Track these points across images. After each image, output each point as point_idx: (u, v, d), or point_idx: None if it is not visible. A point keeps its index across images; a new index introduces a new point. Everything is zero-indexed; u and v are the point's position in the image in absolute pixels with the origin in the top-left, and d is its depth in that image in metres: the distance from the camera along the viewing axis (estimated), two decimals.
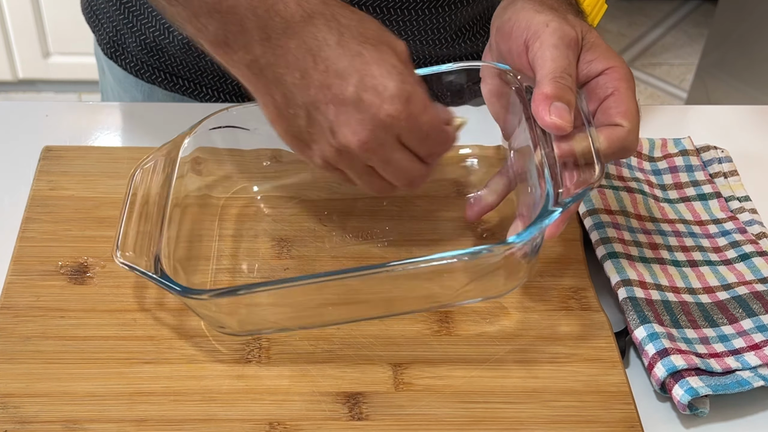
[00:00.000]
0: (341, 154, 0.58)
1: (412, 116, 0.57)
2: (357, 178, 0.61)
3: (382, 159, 0.58)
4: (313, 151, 0.59)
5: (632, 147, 0.61)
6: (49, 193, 0.73)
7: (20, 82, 2.25)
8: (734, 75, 2.02)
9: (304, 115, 0.58)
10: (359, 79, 0.56)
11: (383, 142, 0.57)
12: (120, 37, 0.86)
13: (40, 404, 0.59)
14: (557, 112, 0.58)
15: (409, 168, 0.60)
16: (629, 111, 0.60)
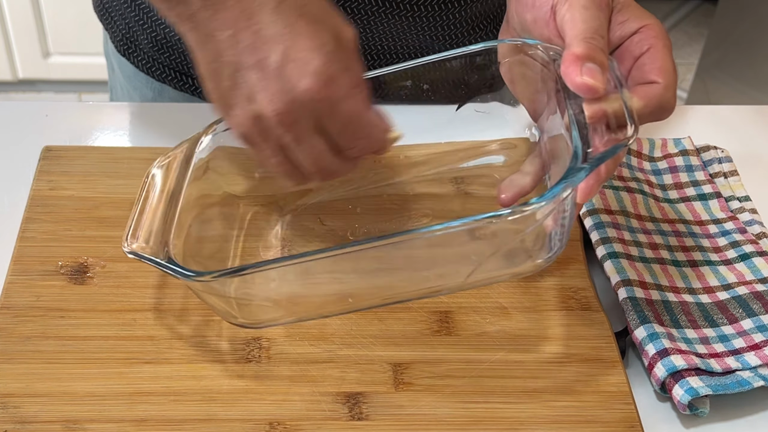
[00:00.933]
0: (256, 123, 0.56)
1: (331, 99, 0.55)
2: (269, 155, 0.58)
3: (295, 138, 0.56)
4: (232, 116, 0.58)
5: (669, 106, 0.58)
6: (49, 193, 0.73)
7: (20, 82, 2.25)
8: (734, 75, 2.02)
9: (228, 75, 0.56)
10: (285, 48, 0.54)
11: (298, 120, 0.55)
12: (132, 34, 0.86)
13: (40, 404, 0.59)
14: (589, 72, 0.54)
15: (322, 157, 0.58)
16: (665, 67, 0.58)
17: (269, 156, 0.59)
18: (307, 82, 0.54)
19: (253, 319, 0.62)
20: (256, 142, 0.58)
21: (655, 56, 0.58)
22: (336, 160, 0.58)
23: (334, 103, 0.55)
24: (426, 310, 0.66)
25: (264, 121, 0.56)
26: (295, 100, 0.55)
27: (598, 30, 0.57)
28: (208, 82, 0.58)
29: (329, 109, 0.55)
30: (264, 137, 0.57)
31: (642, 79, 0.58)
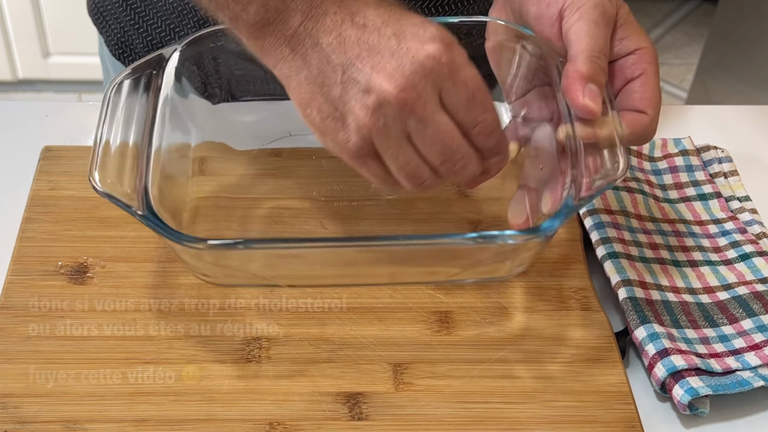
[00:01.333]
0: (377, 116, 0.53)
1: (455, 64, 0.53)
2: (393, 151, 0.55)
3: (421, 117, 0.53)
4: (348, 127, 0.54)
5: (651, 136, 0.60)
6: (49, 193, 0.73)
7: (20, 82, 2.24)
8: (734, 75, 2.02)
9: (339, 79, 0.53)
10: (397, 29, 0.53)
11: (422, 93, 0.52)
12: (127, 37, 0.86)
13: (40, 404, 0.59)
14: (591, 95, 0.56)
15: (451, 137, 0.54)
16: (654, 98, 0.59)
17: (394, 155, 0.55)
18: (429, 48, 0.52)
19: (224, 281, 0.63)
20: (380, 143, 0.54)
21: (647, 85, 0.59)
22: (465, 143, 0.55)
23: (455, 69, 0.53)
24: (426, 310, 0.66)
25: (386, 107, 0.52)
26: (418, 70, 0.52)
27: (602, 49, 0.58)
28: (313, 102, 0.54)
29: (452, 76, 0.53)
30: (387, 132, 0.54)
31: (631, 106, 0.59)
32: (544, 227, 0.56)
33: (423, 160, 0.55)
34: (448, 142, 0.55)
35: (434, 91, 0.53)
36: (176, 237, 0.56)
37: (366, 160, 0.55)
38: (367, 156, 0.55)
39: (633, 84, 0.60)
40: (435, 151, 0.55)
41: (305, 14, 0.54)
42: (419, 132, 0.54)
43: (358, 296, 0.66)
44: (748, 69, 1.98)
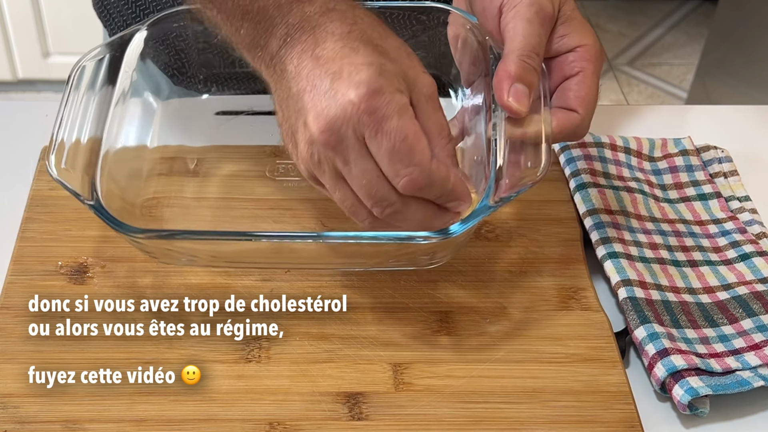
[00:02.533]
0: (311, 152, 0.54)
1: (378, 113, 0.51)
2: (330, 186, 0.56)
3: (343, 159, 0.53)
4: (297, 153, 0.56)
5: (581, 134, 0.60)
6: (49, 193, 0.73)
7: (20, 82, 2.25)
8: (734, 75, 2.02)
9: (294, 108, 0.54)
10: (340, 67, 0.52)
11: (343, 137, 0.52)
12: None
13: (40, 404, 0.59)
14: (516, 95, 0.57)
15: (374, 183, 0.54)
16: (587, 97, 0.59)
17: (331, 190, 0.56)
18: (350, 93, 0.51)
19: (172, 262, 0.65)
20: (319, 176, 0.56)
21: (582, 83, 0.60)
22: (393, 192, 0.54)
23: (378, 118, 0.52)
24: (426, 310, 0.66)
25: (315, 145, 0.53)
26: (338, 114, 0.52)
27: (535, 48, 0.58)
28: (282, 124, 0.56)
29: (373, 125, 0.52)
30: (320, 168, 0.55)
31: (564, 104, 0.60)
32: (452, 230, 0.56)
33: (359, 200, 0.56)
34: (372, 189, 0.54)
35: (357, 137, 0.52)
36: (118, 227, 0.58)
37: (318, 186, 0.57)
38: (317, 183, 0.57)
39: (569, 82, 0.60)
40: (363, 195, 0.55)
41: (283, 39, 0.55)
42: (346, 173, 0.54)
43: (358, 296, 0.66)
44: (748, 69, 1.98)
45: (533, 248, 0.71)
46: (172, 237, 0.61)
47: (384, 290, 0.67)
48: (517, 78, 0.57)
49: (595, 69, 0.60)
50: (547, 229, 0.72)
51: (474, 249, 0.70)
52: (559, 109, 0.60)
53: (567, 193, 0.75)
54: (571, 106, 0.60)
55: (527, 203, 0.74)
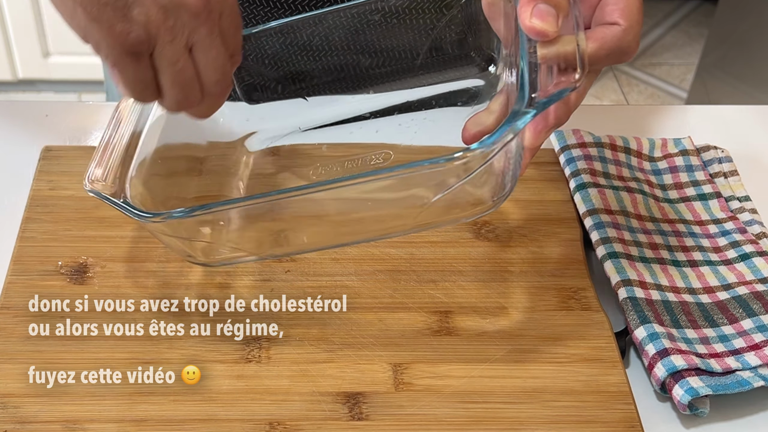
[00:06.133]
0: (169, 16, 0.51)
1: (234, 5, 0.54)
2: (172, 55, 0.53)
3: (209, 31, 0.53)
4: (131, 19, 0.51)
5: (629, 49, 0.56)
6: (49, 193, 0.73)
7: (20, 82, 2.25)
8: (734, 75, 2.02)
9: None
10: None
11: (213, 10, 0.53)
12: None
13: (40, 404, 0.59)
14: (539, 14, 0.52)
15: (225, 60, 0.55)
16: (627, 8, 0.55)
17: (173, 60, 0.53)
18: None
19: (210, 258, 0.63)
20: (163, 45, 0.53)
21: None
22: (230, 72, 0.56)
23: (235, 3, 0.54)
24: (426, 310, 0.66)
25: (182, 10, 0.52)
26: None
27: None
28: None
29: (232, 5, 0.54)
30: (173, 34, 0.52)
31: (603, 20, 0.56)
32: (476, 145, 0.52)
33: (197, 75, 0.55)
34: (225, 63, 0.55)
35: (219, 13, 0.53)
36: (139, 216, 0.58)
37: (137, 59, 0.53)
38: (140, 55, 0.53)
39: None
40: (214, 68, 0.55)
41: None
42: (204, 45, 0.53)
43: (358, 296, 0.66)
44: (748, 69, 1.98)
45: (533, 248, 0.71)
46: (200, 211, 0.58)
47: (384, 290, 0.67)
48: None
49: None
50: (547, 229, 0.72)
51: (474, 249, 0.70)
52: (599, 26, 0.56)
53: (567, 193, 0.75)
54: (610, 20, 0.55)
55: (527, 203, 0.74)
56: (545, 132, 0.56)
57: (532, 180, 0.76)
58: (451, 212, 0.59)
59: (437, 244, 0.70)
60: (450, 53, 0.70)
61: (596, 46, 0.55)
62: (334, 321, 0.65)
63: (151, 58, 0.53)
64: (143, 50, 0.52)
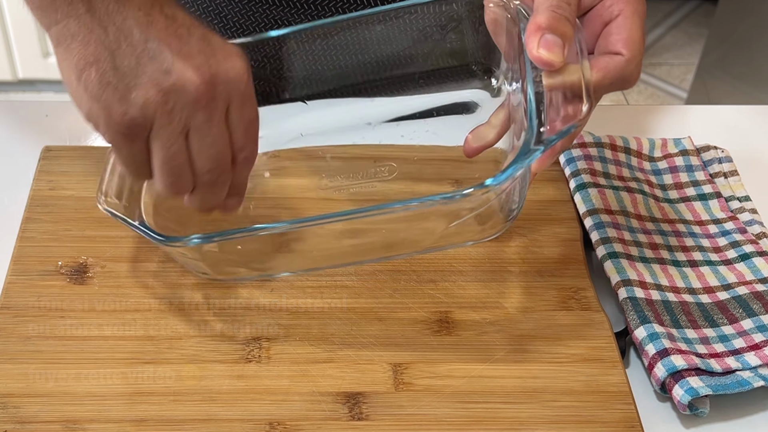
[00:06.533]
0: (168, 99, 0.52)
1: (249, 87, 0.54)
2: (168, 139, 0.53)
3: (207, 117, 0.53)
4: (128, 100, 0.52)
5: (631, 78, 0.57)
6: (49, 193, 0.73)
7: (20, 82, 2.24)
8: (734, 75, 2.02)
9: (135, 53, 0.52)
10: (206, 35, 0.53)
11: (217, 96, 0.53)
12: None
13: (40, 404, 0.59)
14: (546, 44, 0.53)
15: (225, 150, 0.55)
16: (630, 39, 0.56)
17: (167, 144, 0.53)
18: (235, 61, 0.53)
19: (223, 275, 0.63)
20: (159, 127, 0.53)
21: (623, 25, 0.57)
22: (230, 161, 0.56)
23: (249, 92, 0.54)
24: (426, 310, 0.66)
25: (181, 94, 0.52)
26: (220, 74, 0.52)
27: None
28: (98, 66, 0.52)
29: (243, 96, 0.54)
30: (170, 118, 0.52)
31: (606, 49, 0.57)
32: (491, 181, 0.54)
33: (190, 162, 0.55)
34: (220, 153, 0.55)
35: (226, 101, 0.53)
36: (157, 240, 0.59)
37: (132, 140, 0.54)
38: (136, 136, 0.53)
39: (610, 26, 0.57)
40: (207, 156, 0.55)
41: None
42: (201, 132, 0.53)
43: (358, 296, 0.66)
44: (748, 69, 1.98)
45: (533, 248, 0.71)
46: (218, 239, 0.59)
47: (384, 290, 0.67)
48: (547, 28, 0.53)
49: (636, 9, 0.57)
50: (547, 229, 0.72)
51: (474, 249, 0.70)
52: (602, 56, 0.57)
53: (567, 193, 0.75)
54: (613, 50, 0.56)
55: (527, 203, 0.74)
56: (550, 159, 0.58)
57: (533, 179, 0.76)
58: (463, 237, 0.61)
59: None
60: (451, 64, 0.71)
61: (600, 76, 0.56)
62: (334, 321, 0.65)
63: (148, 140, 0.54)
64: (139, 132, 0.53)
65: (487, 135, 0.65)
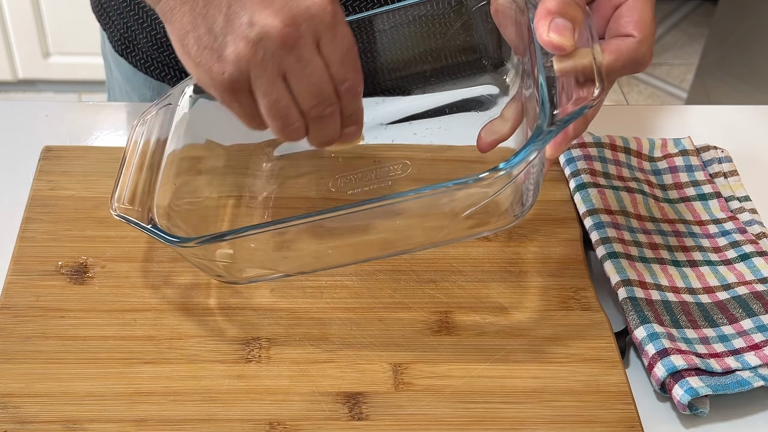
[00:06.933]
0: (257, 49, 0.53)
1: (337, 17, 0.54)
2: (266, 87, 0.55)
3: (298, 57, 0.54)
4: (225, 59, 0.54)
5: (644, 60, 0.57)
6: (49, 193, 0.73)
7: (20, 82, 2.25)
8: (734, 75, 2.02)
9: (223, 12, 0.54)
10: None
11: (303, 35, 0.53)
12: (131, 33, 0.86)
13: (40, 404, 0.59)
14: (557, 28, 0.53)
15: (325, 82, 0.55)
16: (641, 20, 0.56)
17: (267, 91, 0.55)
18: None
19: (238, 277, 0.63)
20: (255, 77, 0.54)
21: (633, 7, 0.57)
22: (334, 93, 0.56)
23: (337, 22, 0.54)
24: (426, 310, 0.66)
25: (268, 41, 0.53)
26: (303, 13, 0.53)
27: None
28: (193, 33, 0.55)
29: (332, 28, 0.54)
30: (264, 66, 0.54)
31: (618, 32, 0.57)
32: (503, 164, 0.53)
33: (294, 102, 0.56)
34: (321, 86, 0.55)
35: (314, 36, 0.54)
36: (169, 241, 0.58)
37: (237, 95, 0.55)
38: (239, 90, 0.55)
39: (620, 10, 0.57)
40: (308, 93, 0.55)
41: None
42: (296, 71, 0.54)
43: (358, 296, 0.66)
44: (748, 69, 1.99)
45: (533, 248, 0.71)
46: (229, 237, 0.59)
47: (384, 290, 0.67)
48: (557, 12, 0.53)
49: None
50: (547, 229, 0.72)
51: (474, 249, 0.70)
52: (613, 39, 0.56)
53: (567, 193, 0.75)
54: (624, 32, 0.56)
55: None
56: (565, 144, 0.57)
57: None
58: (477, 227, 0.60)
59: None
60: (461, 60, 0.71)
61: (612, 59, 0.56)
62: (334, 321, 0.65)
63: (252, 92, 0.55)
64: (241, 86, 0.55)
65: (501, 129, 0.64)
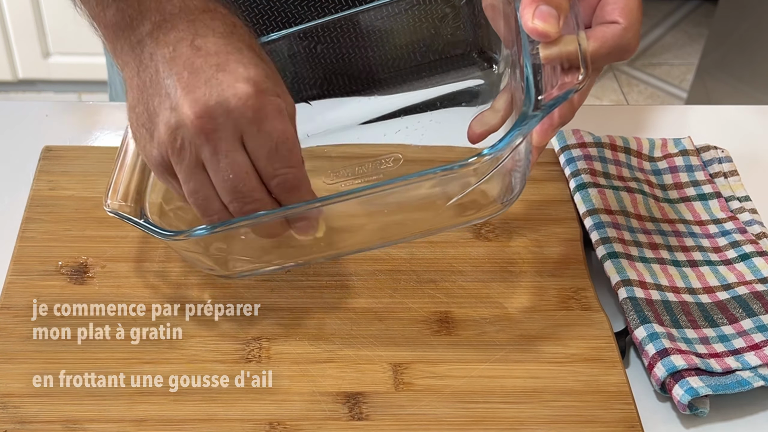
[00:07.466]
0: (174, 136, 0.53)
1: (262, 112, 0.53)
2: (185, 175, 0.54)
3: (212, 148, 0.53)
4: (153, 140, 0.54)
5: (630, 47, 0.57)
6: (49, 193, 0.73)
7: (20, 82, 2.24)
8: (734, 75, 2.02)
9: (159, 92, 0.53)
10: (223, 61, 0.53)
11: (219, 127, 0.52)
12: None
13: (40, 404, 0.59)
14: (541, 15, 0.52)
15: (244, 179, 0.54)
16: (627, 7, 0.56)
17: (185, 180, 0.55)
18: (238, 87, 0.52)
19: (231, 270, 0.63)
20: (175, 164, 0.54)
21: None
22: (261, 189, 0.55)
23: (261, 117, 0.53)
24: (426, 310, 0.66)
25: (183, 129, 0.53)
26: (219, 103, 0.52)
27: None
28: (136, 108, 0.55)
29: (256, 123, 0.53)
30: (182, 155, 0.54)
31: (603, 19, 0.57)
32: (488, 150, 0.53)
33: (216, 193, 0.55)
34: (239, 183, 0.54)
35: (234, 131, 0.53)
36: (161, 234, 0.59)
37: (166, 177, 0.56)
38: (168, 172, 0.56)
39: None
40: (225, 188, 0.55)
41: (156, 25, 0.55)
42: (211, 164, 0.54)
43: (358, 296, 0.66)
44: (748, 69, 1.98)
45: (533, 248, 0.71)
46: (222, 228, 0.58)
47: (384, 290, 0.67)
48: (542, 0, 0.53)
49: None
50: (547, 229, 0.72)
51: (474, 249, 0.70)
52: (599, 26, 0.57)
53: (567, 193, 0.75)
54: (610, 19, 0.56)
55: (527, 203, 0.74)
56: (551, 131, 0.57)
57: (533, 180, 0.76)
58: (465, 215, 0.60)
59: (437, 244, 0.70)
60: (452, 54, 0.71)
61: (597, 45, 0.56)
62: (334, 321, 0.65)
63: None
64: (168, 169, 0.55)
65: (491, 120, 0.64)
